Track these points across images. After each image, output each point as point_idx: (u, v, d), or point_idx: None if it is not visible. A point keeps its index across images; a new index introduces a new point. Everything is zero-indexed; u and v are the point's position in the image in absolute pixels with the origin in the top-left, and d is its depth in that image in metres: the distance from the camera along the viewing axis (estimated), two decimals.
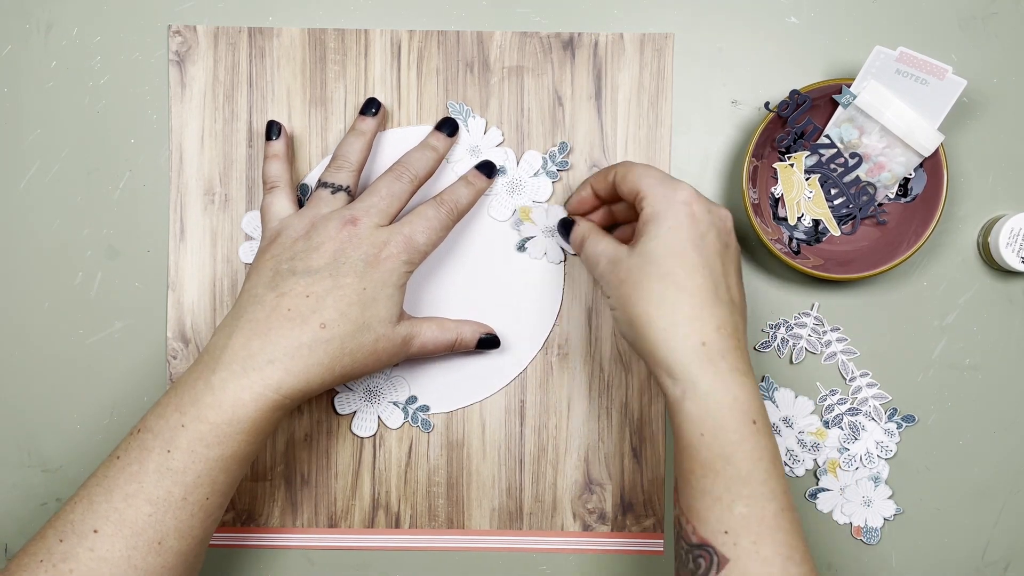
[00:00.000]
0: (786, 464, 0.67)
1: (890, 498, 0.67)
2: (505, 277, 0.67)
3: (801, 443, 0.67)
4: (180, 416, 0.55)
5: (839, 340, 0.67)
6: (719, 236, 0.57)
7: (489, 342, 0.65)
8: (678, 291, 0.55)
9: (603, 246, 0.60)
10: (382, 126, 0.66)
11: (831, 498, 0.67)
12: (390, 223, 0.61)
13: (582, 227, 0.63)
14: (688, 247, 0.56)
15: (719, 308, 0.55)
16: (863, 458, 0.67)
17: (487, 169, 0.65)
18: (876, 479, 0.67)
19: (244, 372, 0.55)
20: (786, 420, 0.67)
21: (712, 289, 0.55)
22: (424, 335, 0.62)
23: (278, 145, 0.65)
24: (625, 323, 0.57)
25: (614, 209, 0.65)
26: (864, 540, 0.67)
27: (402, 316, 0.61)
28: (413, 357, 0.63)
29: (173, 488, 0.54)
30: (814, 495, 0.67)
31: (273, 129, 0.65)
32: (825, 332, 0.67)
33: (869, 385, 0.67)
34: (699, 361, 0.54)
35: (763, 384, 0.67)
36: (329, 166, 0.63)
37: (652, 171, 0.59)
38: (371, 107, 0.64)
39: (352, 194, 0.62)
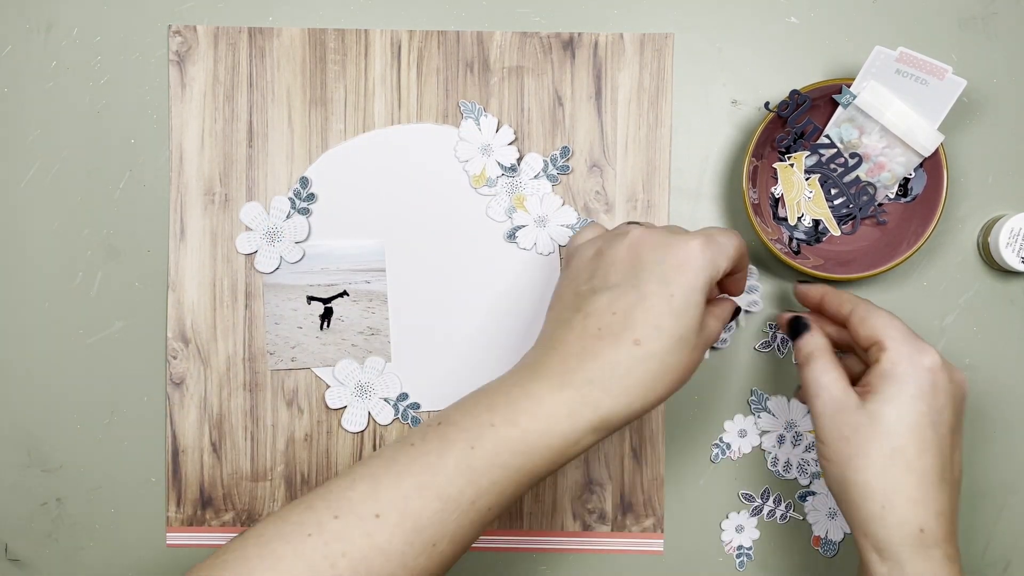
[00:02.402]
0: (796, 478, 0.67)
1: None
2: (494, 268, 0.67)
3: (808, 448, 0.67)
4: (491, 415, 0.51)
5: None
6: (955, 410, 0.55)
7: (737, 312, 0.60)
8: (907, 470, 0.53)
9: (829, 379, 0.56)
10: None
11: (818, 502, 0.67)
12: None
13: (814, 342, 0.58)
14: (925, 423, 0.53)
15: (943, 491, 0.53)
16: None
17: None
18: None
19: (562, 387, 0.51)
20: (789, 425, 0.67)
21: (939, 470, 0.53)
22: (712, 336, 0.56)
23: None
24: (838, 481, 0.55)
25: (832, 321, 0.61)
26: (821, 551, 0.67)
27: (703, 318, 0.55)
28: None
29: (466, 488, 0.50)
30: (803, 497, 0.67)
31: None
32: None
33: None
34: (913, 547, 0.52)
35: (753, 398, 0.67)
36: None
37: (897, 323, 0.56)
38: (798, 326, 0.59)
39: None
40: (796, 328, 0.59)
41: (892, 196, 0.65)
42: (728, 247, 0.54)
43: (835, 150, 0.64)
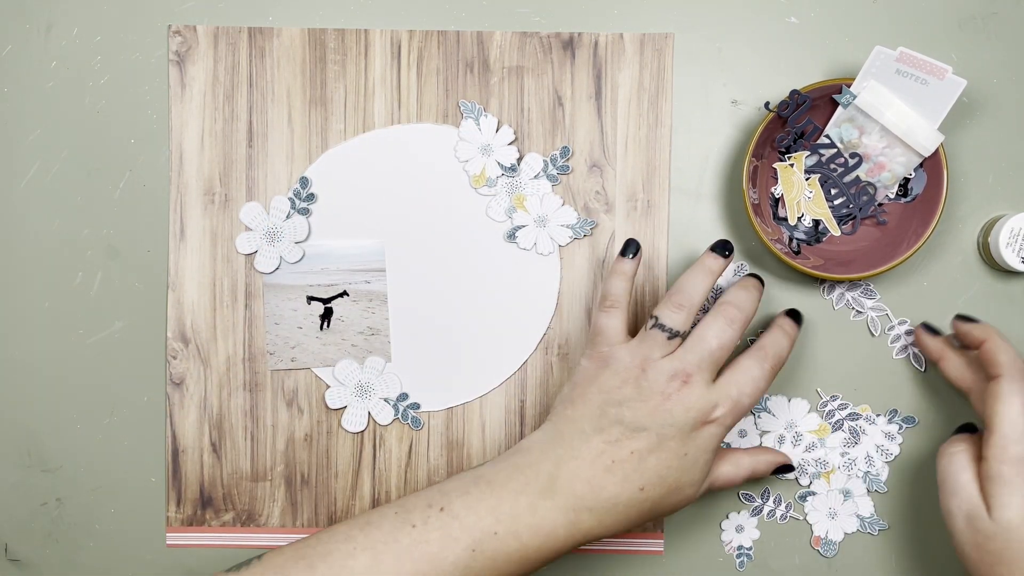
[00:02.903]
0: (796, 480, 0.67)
1: (856, 514, 0.67)
2: (493, 268, 0.67)
3: (808, 448, 0.67)
4: (495, 521, 0.55)
5: None
6: None
7: (786, 469, 0.64)
8: None
9: (966, 478, 0.57)
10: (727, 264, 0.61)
11: (818, 502, 0.67)
12: (718, 373, 0.58)
13: (962, 443, 0.59)
14: None
15: None
16: (864, 460, 0.67)
17: (795, 316, 0.63)
18: (847, 493, 0.67)
19: (565, 511, 0.56)
20: (789, 425, 0.67)
21: None
22: (720, 479, 0.61)
23: (630, 265, 0.60)
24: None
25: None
26: (821, 551, 0.67)
27: (707, 475, 0.59)
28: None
29: None
30: (803, 498, 0.67)
31: (631, 248, 0.61)
32: None
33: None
34: None
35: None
36: (668, 300, 0.58)
37: (1013, 413, 0.55)
38: (725, 248, 0.60)
39: (684, 337, 0.58)
40: (926, 332, 0.63)
41: (892, 196, 0.65)
42: (748, 406, 0.58)
43: (835, 150, 0.64)
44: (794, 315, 0.63)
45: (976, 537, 0.55)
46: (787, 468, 0.64)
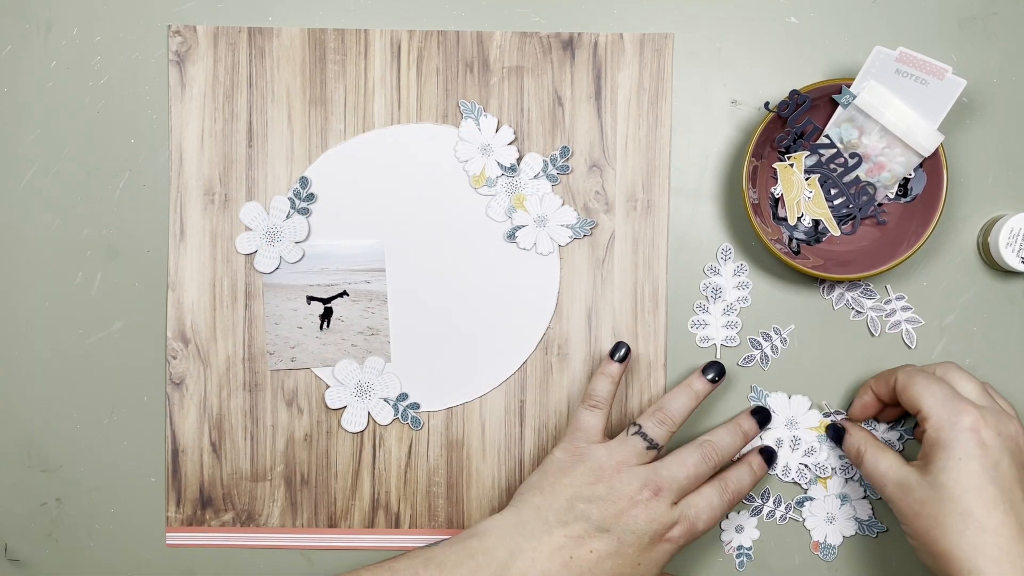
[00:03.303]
0: (793, 481, 0.67)
1: (854, 518, 0.67)
2: (493, 268, 0.67)
3: (806, 453, 0.67)
4: None
5: None
6: (1013, 460, 0.56)
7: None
8: (980, 531, 0.54)
9: (885, 466, 0.59)
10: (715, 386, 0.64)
11: (816, 507, 0.67)
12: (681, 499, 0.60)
13: (856, 437, 0.62)
14: (983, 481, 0.55)
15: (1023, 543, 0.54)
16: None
17: (768, 455, 0.65)
18: (844, 498, 0.67)
19: None
20: (790, 422, 0.67)
21: (1015, 524, 0.54)
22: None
23: (617, 369, 0.63)
24: (924, 555, 0.57)
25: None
26: (820, 556, 0.67)
27: None
28: None
29: None
30: (800, 503, 0.67)
31: (620, 350, 0.64)
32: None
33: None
34: None
35: (752, 394, 0.67)
36: (653, 414, 0.62)
37: (934, 387, 0.58)
38: (715, 373, 0.63)
39: (660, 449, 0.61)
40: (835, 436, 0.65)
41: (892, 196, 0.65)
42: (701, 531, 0.60)
43: (835, 150, 0.64)
44: (767, 454, 0.65)
45: (913, 507, 0.57)
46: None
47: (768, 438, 0.67)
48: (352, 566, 0.67)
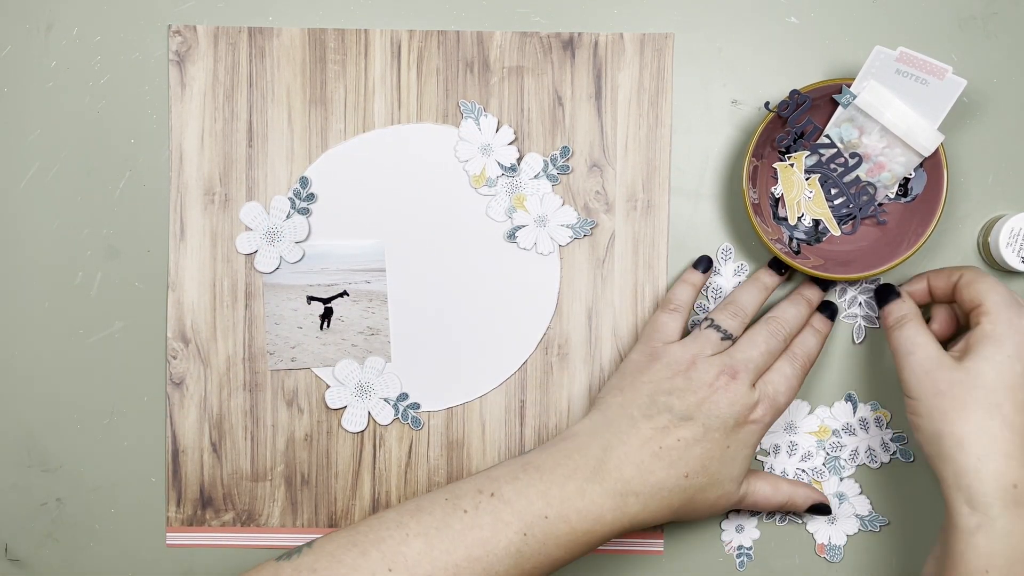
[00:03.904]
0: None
1: (854, 515, 0.67)
2: (493, 268, 0.67)
3: (803, 458, 0.67)
4: (545, 505, 0.57)
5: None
6: None
7: (821, 509, 0.65)
8: (1003, 425, 0.55)
9: (923, 339, 0.59)
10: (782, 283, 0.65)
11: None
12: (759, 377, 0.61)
13: (906, 307, 0.62)
14: (1022, 383, 0.56)
15: None
16: (851, 457, 0.66)
17: (830, 310, 0.65)
18: (841, 496, 0.67)
19: (613, 495, 0.57)
20: (789, 426, 0.67)
21: None
22: (757, 494, 0.63)
23: (700, 278, 0.65)
24: (930, 435, 0.57)
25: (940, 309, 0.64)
26: (827, 558, 0.67)
27: (745, 473, 0.61)
28: (741, 508, 0.64)
29: (512, 569, 0.56)
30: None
31: (703, 263, 0.65)
32: None
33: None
34: (1005, 501, 0.54)
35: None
36: (725, 307, 0.63)
37: (1000, 288, 0.59)
38: (780, 267, 0.65)
39: (735, 340, 0.62)
40: (885, 295, 0.63)
41: (892, 196, 0.65)
42: (784, 404, 0.61)
43: (835, 150, 0.64)
44: (828, 308, 0.64)
45: (938, 386, 0.57)
46: (823, 509, 0.65)
47: (765, 442, 0.67)
48: None
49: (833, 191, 0.65)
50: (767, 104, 0.64)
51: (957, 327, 0.64)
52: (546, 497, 0.57)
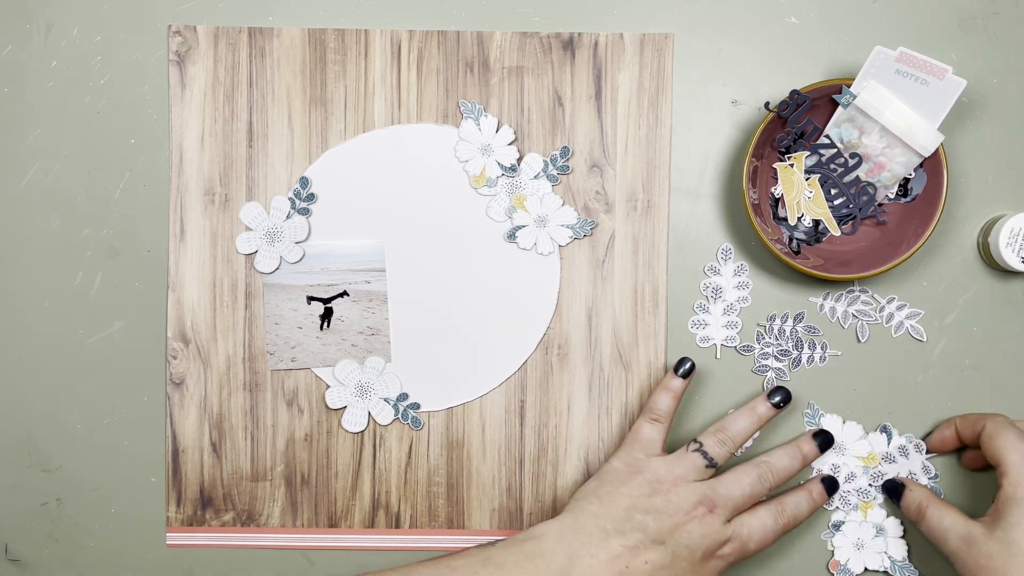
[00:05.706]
0: (836, 507, 0.66)
1: (885, 553, 0.66)
2: (494, 268, 0.67)
3: (847, 479, 0.66)
4: None
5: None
6: None
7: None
8: None
9: (950, 521, 0.60)
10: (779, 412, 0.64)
11: (848, 529, 0.67)
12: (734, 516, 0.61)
13: (918, 494, 0.63)
14: None
15: None
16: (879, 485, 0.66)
17: (830, 485, 0.64)
18: (880, 529, 0.66)
19: None
20: (839, 447, 0.66)
21: None
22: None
23: (680, 384, 0.64)
24: None
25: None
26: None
27: None
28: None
29: None
30: (836, 526, 0.67)
31: (684, 365, 0.64)
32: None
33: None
34: None
35: (808, 411, 0.67)
36: (715, 433, 0.62)
37: (1019, 446, 0.59)
38: (777, 395, 0.63)
39: (718, 468, 0.62)
40: (892, 490, 0.65)
41: (892, 196, 0.65)
42: (752, 551, 0.61)
43: (835, 150, 0.64)
44: (828, 483, 0.64)
45: (979, 561, 0.58)
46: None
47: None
48: (352, 566, 0.67)
49: (833, 191, 0.65)
50: (767, 104, 0.64)
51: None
52: None
